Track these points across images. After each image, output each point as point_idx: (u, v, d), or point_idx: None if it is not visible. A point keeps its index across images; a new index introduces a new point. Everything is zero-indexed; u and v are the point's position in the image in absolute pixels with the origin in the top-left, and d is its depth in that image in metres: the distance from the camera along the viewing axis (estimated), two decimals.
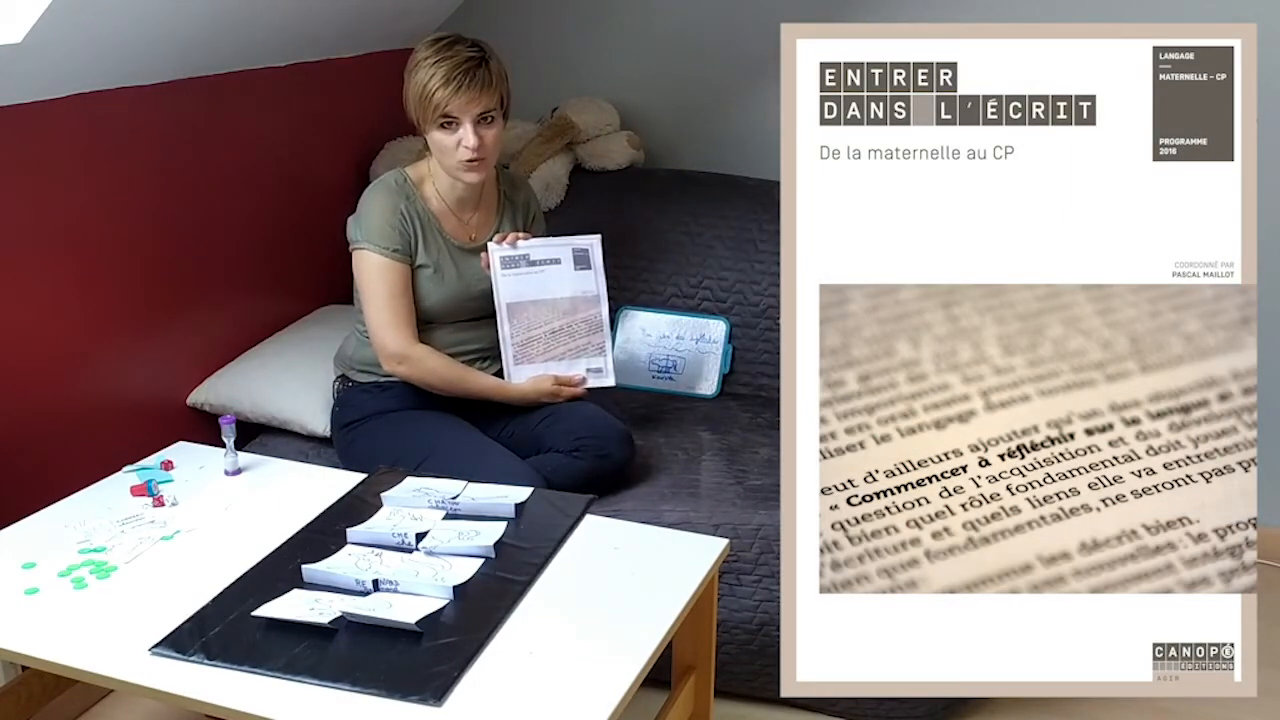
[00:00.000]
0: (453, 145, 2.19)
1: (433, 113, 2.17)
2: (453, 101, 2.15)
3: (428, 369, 2.26)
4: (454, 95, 2.15)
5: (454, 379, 2.28)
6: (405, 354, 2.24)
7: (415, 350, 2.25)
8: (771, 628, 2.14)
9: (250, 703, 1.43)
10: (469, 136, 2.18)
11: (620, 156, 2.97)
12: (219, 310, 2.58)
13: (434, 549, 1.75)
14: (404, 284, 2.25)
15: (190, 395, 2.51)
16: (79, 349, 2.23)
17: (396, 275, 2.24)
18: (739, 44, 3.00)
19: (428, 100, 2.16)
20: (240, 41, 2.46)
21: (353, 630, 1.56)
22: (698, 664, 1.87)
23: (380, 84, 2.88)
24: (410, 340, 2.25)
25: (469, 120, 2.17)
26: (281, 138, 2.73)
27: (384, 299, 2.24)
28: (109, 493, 1.97)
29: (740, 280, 2.77)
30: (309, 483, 2.03)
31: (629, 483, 2.29)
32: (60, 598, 1.66)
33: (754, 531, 2.16)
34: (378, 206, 2.26)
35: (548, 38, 3.15)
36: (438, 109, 2.16)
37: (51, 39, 1.92)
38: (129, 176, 2.30)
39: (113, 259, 2.28)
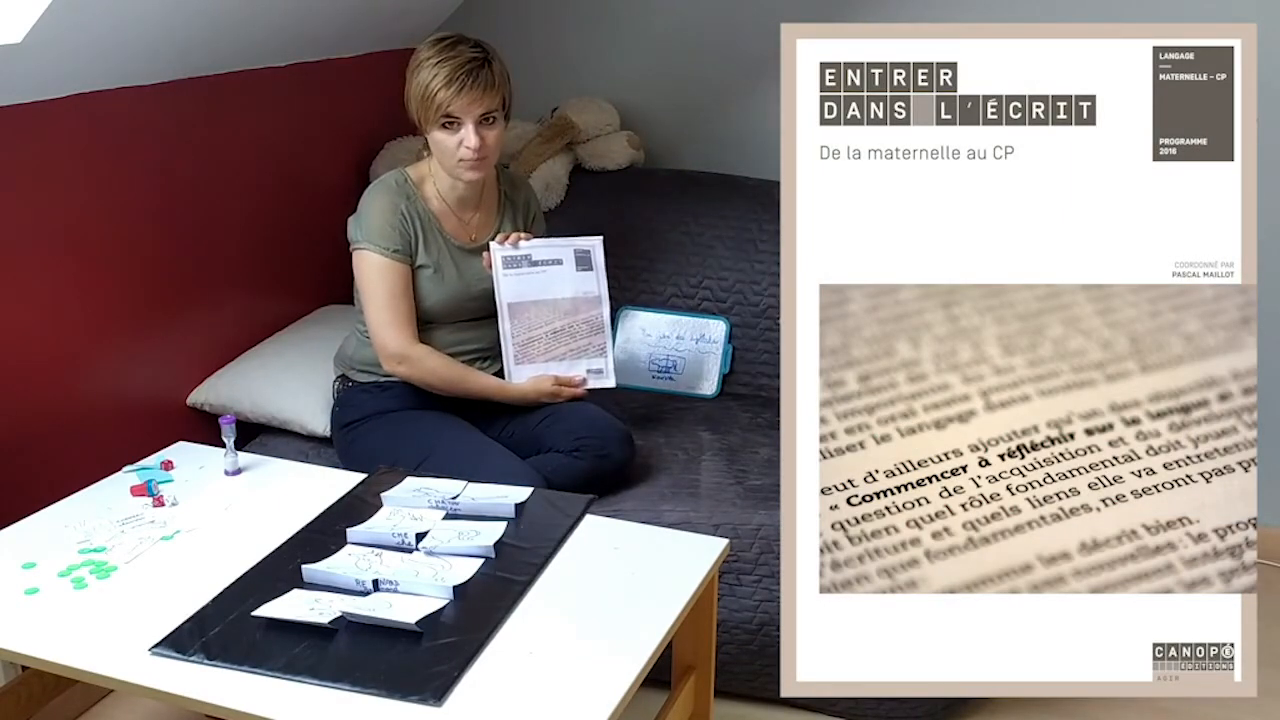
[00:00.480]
0: (454, 145, 2.20)
1: (435, 113, 2.17)
2: (455, 102, 2.15)
3: (428, 369, 2.26)
4: (456, 96, 2.15)
5: (454, 379, 2.28)
6: (405, 354, 2.24)
7: (415, 350, 2.25)
8: (771, 628, 2.14)
9: (250, 703, 1.43)
10: (471, 137, 2.18)
11: (620, 156, 2.97)
12: (219, 310, 2.58)
13: (434, 549, 1.75)
14: (404, 284, 2.25)
15: (190, 395, 2.51)
16: (79, 349, 2.23)
17: (396, 275, 2.24)
18: (739, 44, 3.00)
19: (430, 100, 2.16)
20: (240, 41, 2.46)
21: (353, 630, 1.56)
22: (698, 664, 1.87)
23: (380, 84, 2.89)
24: (410, 340, 2.25)
25: (471, 121, 2.18)
26: (281, 138, 2.73)
27: (384, 299, 2.24)
28: (109, 493, 1.97)
29: (740, 280, 2.77)
30: (309, 483, 2.03)
31: (629, 483, 2.29)
32: (60, 598, 1.66)
33: (754, 531, 2.16)
34: (378, 206, 2.26)
35: (548, 38, 3.15)
36: (440, 109, 2.16)
37: (51, 39, 1.92)
38: (129, 176, 2.30)
39: (113, 259, 2.28)
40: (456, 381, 2.28)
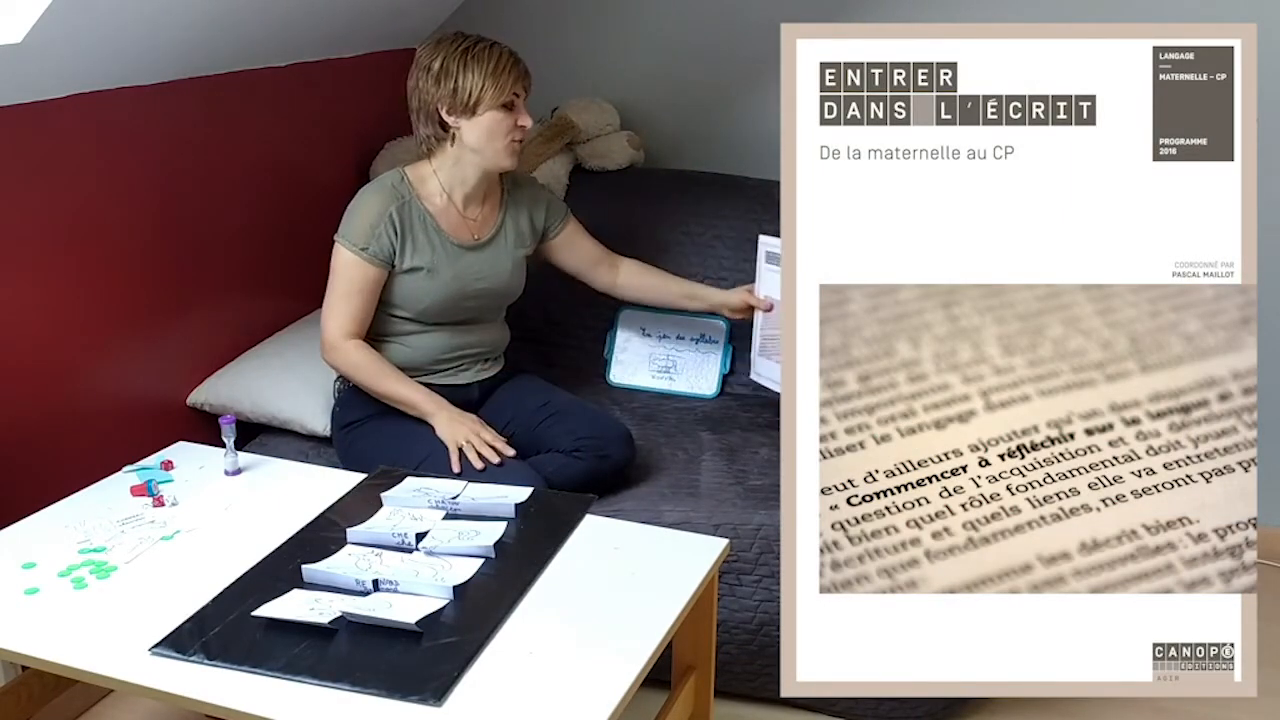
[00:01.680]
0: (510, 126, 2.24)
1: (503, 92, 2.21)
2: (522, 80, 2.24)
3: (351, 361, 2.26)
4: (522, 75, 2.24)
5: (375, 376, 2.26)
6: (335, 344, 2.26)
7: (346, 344, 2.26)
8: (771, 628, 2.14)
9: (250, 703, 1.43)
10: (525, 116, 2.25)
11: (620, 156, 2.97)
12: (219, 310, 2.58)
13: (434, 549, 1.75)
14: (364, 284, 2.25)
15: (190, 395, 2.51)
16: (79, 349, 2.23)
17: (359, 274, 2.24)
18: (739, 44, 3.00)
19: (499, 78, 2.20)
20: (240, 41, 2.46)
21: (353, 630, 1.56)
22: (698, 664, 1.87)
23: (380, 84, 2.89)
24: (346, 334, 2.26)
25: (523, 99, 2.26)
26: (281, 138, 2.73)
27: (340, 292, 2.26)
28: (109, 493, 1.97)
29: (740, 280, 2.76)
30: (309, 483, 2.03)
31: (629, 483, 2.29)
32: (60, 598, 1.66)
33: (754, 531, 2.16)
34: (365, 207, 2.26)
35: (548, 38, 3.15)
36: (507, 88, 2.21)
37: (51, 39, 1.92)
38: (129, 176, 2.30)
39: (113, 259, 2.28)
40: (377, 381, 2.26)
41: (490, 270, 2.34)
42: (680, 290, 2.56)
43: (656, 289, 2.57)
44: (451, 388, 2.34)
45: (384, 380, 2.26)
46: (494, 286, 2.36)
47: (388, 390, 2.26)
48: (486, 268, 2.34)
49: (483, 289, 2.34)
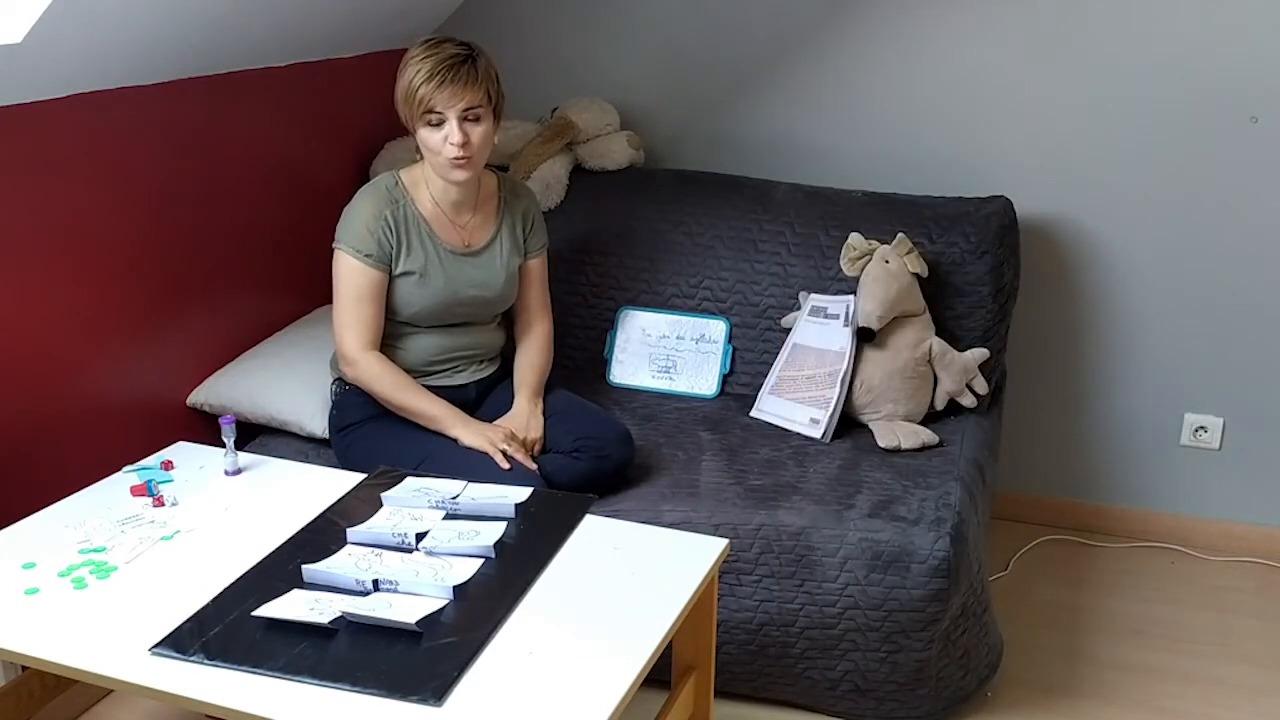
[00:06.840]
0: (439, 142, 2.18)
1: (419, 109, 2.16)
2: (436, 96, 2.14)
3: (373, 374, 2.25)
4: (438, 90, 2.13)
5: (394, 389, 2.25)
6: (355, 358, 2.24)
7: (366, 356, 2.25)
8: (771, 628, 2.14)
9: (250, 703, 1.43)
10: (454, 132, 2.15)
11: (620, 156, 2.96)
12: (219, 310, 2.58)
13: (434, 549, 1.75)
14: (372, 290, 2.24)
15: (190, 395, 2.50)
16: (79, 349, 2.23)
17: (365, 280, 2.24)
18: (739, 44, 3.00)
19: (413, 96, 2.15)
20: (240, 41, 2.46)
21: (353, 630, 1.56)
22: (698, 664, 1.87)
23: (380, 84, 2.88)
24: (364, 346, 2.24)
25: (454, 116, 2.15)
26: (281, 137, 2.73)
27: (349, 301, 2.24)
28: (109, 493, 1.97)
29: (740, 280, 2.77)
30: (309, 483, 2.03)
31: (629, 483, 2.29)
32: (60, 598, 1.66)
33: (754, 531, 2.16)
34: (360, 211, 2.25)
35: (547, 38, 3.15)
36: (422, 104, 2.15)
37: (51, 39, 1.92)
38: (129, 176, 2.30)
39: (113, 259, 2.28)
40: (396, 394, 2.25)
41: (483, 279, 2.34)
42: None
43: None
44: (448, 389, 2.34)
45: (403, 393, 2.25)
46: (486, 295, 2.36)
47: (407, 404, 2.25)
48: (479, 276, 2.33)
49: (474, 296, 2.33)
